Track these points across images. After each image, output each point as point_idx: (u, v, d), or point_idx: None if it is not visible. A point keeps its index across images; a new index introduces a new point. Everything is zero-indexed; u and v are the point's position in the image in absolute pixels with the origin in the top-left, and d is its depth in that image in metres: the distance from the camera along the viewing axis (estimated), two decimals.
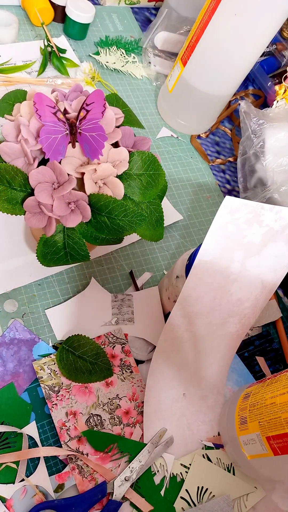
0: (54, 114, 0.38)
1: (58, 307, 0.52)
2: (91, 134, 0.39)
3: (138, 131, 0.70)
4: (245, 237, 0.42)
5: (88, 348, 0.48)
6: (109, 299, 0.54)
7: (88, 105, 0.39)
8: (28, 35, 0.73)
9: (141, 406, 0.48)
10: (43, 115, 0.38)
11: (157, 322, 0.53)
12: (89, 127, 0.39)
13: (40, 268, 0.53)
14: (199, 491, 0.45)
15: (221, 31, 0.59)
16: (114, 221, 0.40)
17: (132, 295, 0.54)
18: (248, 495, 0.46)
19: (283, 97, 0.71)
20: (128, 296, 0.54)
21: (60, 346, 0.48)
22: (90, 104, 0.39)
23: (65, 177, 0.38)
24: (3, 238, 0.53)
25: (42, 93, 0.38)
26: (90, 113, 0.39)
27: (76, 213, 0.39)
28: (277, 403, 0.40)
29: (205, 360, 0.49)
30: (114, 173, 0.40)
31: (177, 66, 0.68)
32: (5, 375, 0.46)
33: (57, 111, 0.39)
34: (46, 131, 0.38)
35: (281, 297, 0.63)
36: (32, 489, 0.42)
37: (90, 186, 0.39)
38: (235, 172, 0.76)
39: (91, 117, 0.39)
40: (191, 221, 0.67)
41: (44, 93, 0.38)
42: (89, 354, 0.48)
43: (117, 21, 0.84)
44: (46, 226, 0.39)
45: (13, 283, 0.51)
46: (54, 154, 0.38)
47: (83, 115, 0.39)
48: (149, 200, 0.43)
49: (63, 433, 0.45)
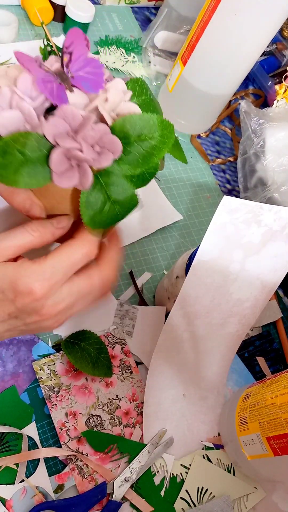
0: (40, 66, 0.35)
1: None
2: (85, 70, 0.36)
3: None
4: (244, 237, 0.42)
5: (92, 341, 0.49)
6: (114, 306, 0.53)
7: (68, 47, 0.36)
8: (27, 34, 0.73)
9: (141, 407, 0.48)
10: (32, 68, 0.35)
11: (155, 343, 0.52)
12: (80, 66, 0.37)
13: None
14: (199, 492, 0.45)
15: (221, 30, 0.59)
16: (146, 144, 0.36)
17: (137, 308, 0.54)
18: (248, 496, 0.46)
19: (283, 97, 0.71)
20: (134, 309, 0.54)
21: (63, 340, 0.48)
22: (70, 45, 0.36)
23: (79, 118, 0.35)
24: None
25: (21, 53, 0.35)
26: (75, 53, 0.36)
27: (105, 152, 0.36)
28: (277, 403, 0.40)
29: (205, 360, 0.49)
30: (123, 98, 0.37)
31: (177, 66, 0.68)
32: (4, 375, 0.46)
33: (40, 63, 0.36)
34: (42, 80, 0.35)
35: (282, 297, 0.63)
36: (32, 490, 0.42)
37: (108, 116, 0.35)
38: (235, 172, 0.76)
39: (77, 56, 0.36)
40: (191, 221, 0.67)
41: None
42: (94, 346, 0.48)
43: (117, 20, 0.84)
44: (81, 178, 0.35)
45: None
46: (59, 99, 0.35)
47: (67, 59, 0.36)
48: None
49: (63, 433, 0.45)
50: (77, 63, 0.36)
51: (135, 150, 0.36)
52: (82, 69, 0.36)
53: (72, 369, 0.48)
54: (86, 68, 0.36)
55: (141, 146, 0.36)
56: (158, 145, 0.37)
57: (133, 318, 0.53)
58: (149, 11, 0.90)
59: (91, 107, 0.36)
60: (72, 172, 0.35)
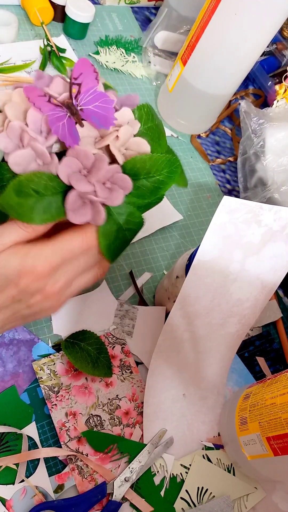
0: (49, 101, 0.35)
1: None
2: (95, 104, 0.37)
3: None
4: (244, 237, 0.42)
5: (92, 341, 0.49)
6: (114, 306, 0.53)
7: (76, 78, 0.36)
8: (27, 34, 0.73)
9: (141, 407, 0.48)
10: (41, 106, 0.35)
11: (155, 343, 0.52)
12: (89, 99, 0.37)
13: None
14: (199, 492, 0.45)
15: (221, 30, 0.59)
16: (154, 180, 0.38)
17: (137, 308, 0.54)
18: (248, 496, 0.46)
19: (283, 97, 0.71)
20: (133, 309, 0.54)
21: (63, 340, 0.48)
22: (79, 76, 0.36)
23: (91, 158, 0.36)
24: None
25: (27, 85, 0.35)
26: (83, 85, 0.36)
27: (116, 189, 0.37)
28: (277, 403, 0.40)
29: (205, 360, 0.49)
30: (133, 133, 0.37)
31: (177, 66, 0.68)
32: (4, 375, 0.46)
33: (49, 97, 0.36)
34: (53, 119, 0.35)
35: (282, 297, 0.63)
36: (32, 490, 0.42)
37: (120, 155, 0.36)
38: (235, 172, 0.76)
39: (86, 88, 0.36)
40: (191, 221, 0.67)
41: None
42: (94, 346, 0.48)
43: (117, 20, 0.84)
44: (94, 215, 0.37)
45: None
46: (72, 140, 0.36)
47: (76, 91, 0.36)
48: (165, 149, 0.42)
49: (63, 433, 0.45)
50: (87, 96, 0.37)
51: (143, 185, 0.38)
52: (92, 103, 0.37)
53: (72, 369, 0.48)
54: (96, 103, 0.37)
55: (149, 181, 0.38)
56: (165, 180, 0.38)
57: (133, 318, 0.53)
58: (149, 11, 0.90)
59: (102, 145, 0.37)
60: (85, 210, 0.36)
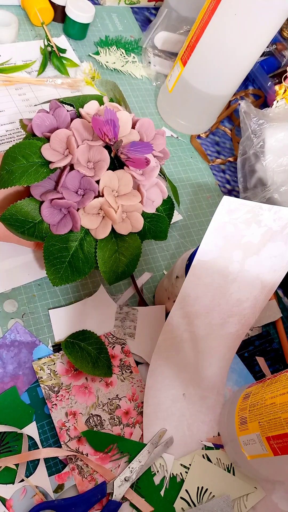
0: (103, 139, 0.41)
1: (62, 309, 0.51)
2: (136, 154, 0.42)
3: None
4: (243, 237, 0.42)
5: (92, 341, 0.49)
6: (114, 309, 0.53)
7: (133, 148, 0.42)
8: (28, 34, 0.73)
9: (140, 407, 0.48)
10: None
11: (156, 343, 0.52)
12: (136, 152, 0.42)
13: (39, 268, 0.53)
14: (199, 492, 0.45)
15: (221, 31, 0.59)
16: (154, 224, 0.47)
17: (137, 310, 0.54)
18: (248, 495, 0.46)
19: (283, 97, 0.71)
20: (133, 311, 0.54)
21: (64, 340, 0.48)
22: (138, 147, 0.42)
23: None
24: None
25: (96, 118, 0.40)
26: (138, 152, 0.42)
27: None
28: (277, 403, 0.40)
29: (205, 360, 0.49)
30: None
31: (177, 66, 0.68)
32: (4, 377, 0.46)
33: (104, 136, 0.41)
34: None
35: (281, 297, 0.63)
36: (31, 490, 0.42)
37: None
38: (235, 172, 0.76)
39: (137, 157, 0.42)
40: (191, 221, 0.67)
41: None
42: (94, 346, 0.49)
43: (117, 21, 0.84)
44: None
45: (12, 283, 0.51)
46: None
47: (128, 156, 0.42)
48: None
49: (63, 433, 0.45)
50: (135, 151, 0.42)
51: (144, 229, 0.45)
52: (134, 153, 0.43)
53: (72, 369, 0.48)
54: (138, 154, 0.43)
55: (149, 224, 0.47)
56: (164, 223, 0.48)
57: (134, 320, 0.53)
58: (149, 12, 0.90)
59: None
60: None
